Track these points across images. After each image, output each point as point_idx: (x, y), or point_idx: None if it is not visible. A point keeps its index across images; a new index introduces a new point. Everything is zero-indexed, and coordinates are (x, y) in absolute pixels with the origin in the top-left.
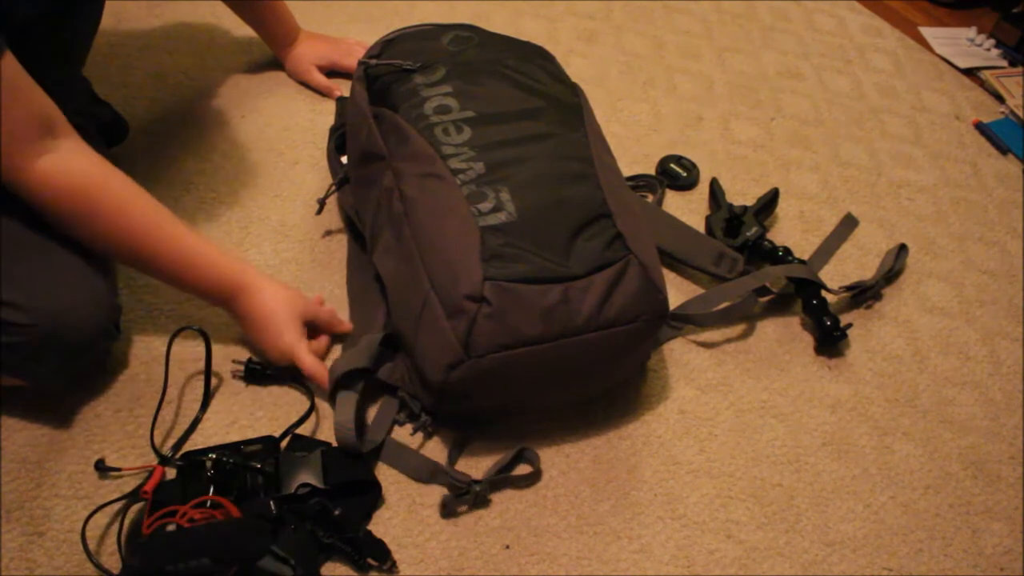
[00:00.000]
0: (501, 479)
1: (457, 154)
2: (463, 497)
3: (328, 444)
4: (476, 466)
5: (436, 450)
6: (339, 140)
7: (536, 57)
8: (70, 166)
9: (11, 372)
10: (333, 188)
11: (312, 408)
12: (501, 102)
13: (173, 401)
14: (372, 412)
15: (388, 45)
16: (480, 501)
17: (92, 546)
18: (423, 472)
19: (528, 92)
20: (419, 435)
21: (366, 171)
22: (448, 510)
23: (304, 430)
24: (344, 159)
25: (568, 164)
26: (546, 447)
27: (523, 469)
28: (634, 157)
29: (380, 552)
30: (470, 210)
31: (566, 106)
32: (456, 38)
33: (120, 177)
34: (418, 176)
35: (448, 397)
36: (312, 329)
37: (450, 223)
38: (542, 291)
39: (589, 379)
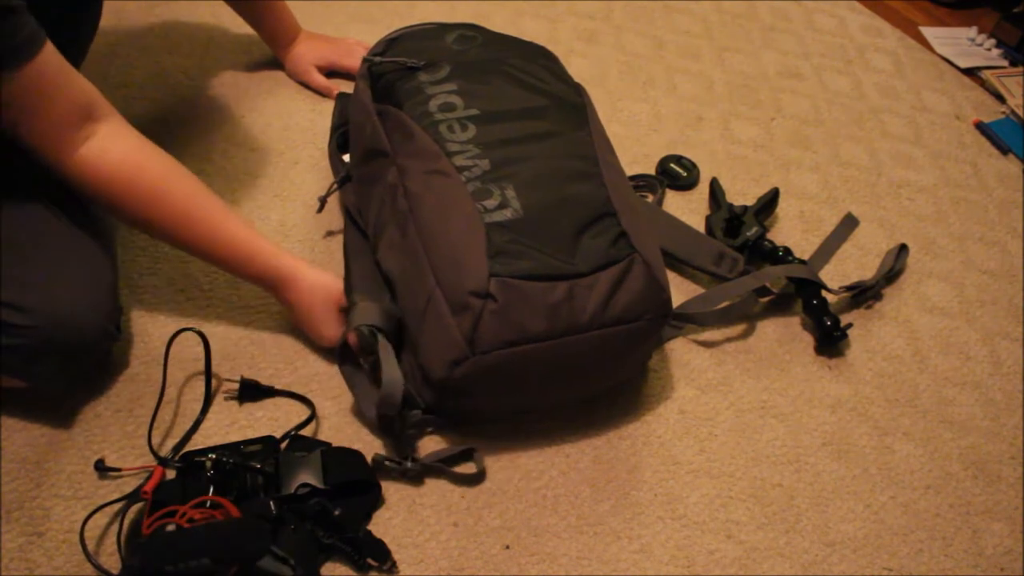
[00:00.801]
0: (438, 467)
1: (462, 151)
2: (393, 465)
3: (328, 444)
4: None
5: (434, 447)
6: (340, 138)
7: (540, 57)
8: (108, 152)
9: (11, 373)
10: (335, 186)
11: (312, 415)
12: (505, 100)
13: (173, 401)
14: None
15: (392, 43)
16: (411, 477)
17: (92, 546)
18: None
19: (532, 91)
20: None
21: (369, 168)
22: (376, 465)
23: (304, 431)
24: (346, 157)
25: (572, 163)
26: (546, 447)
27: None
28: (634, 157)
29: (380, 552)
30: (475, 207)
31: (570, 105)
32: (460, 37)
33: (159, 160)
34: (423, 173)
35: (451, 394)
36: None
37: (455, 220)
38: (547, 288)
39: (592, 377)
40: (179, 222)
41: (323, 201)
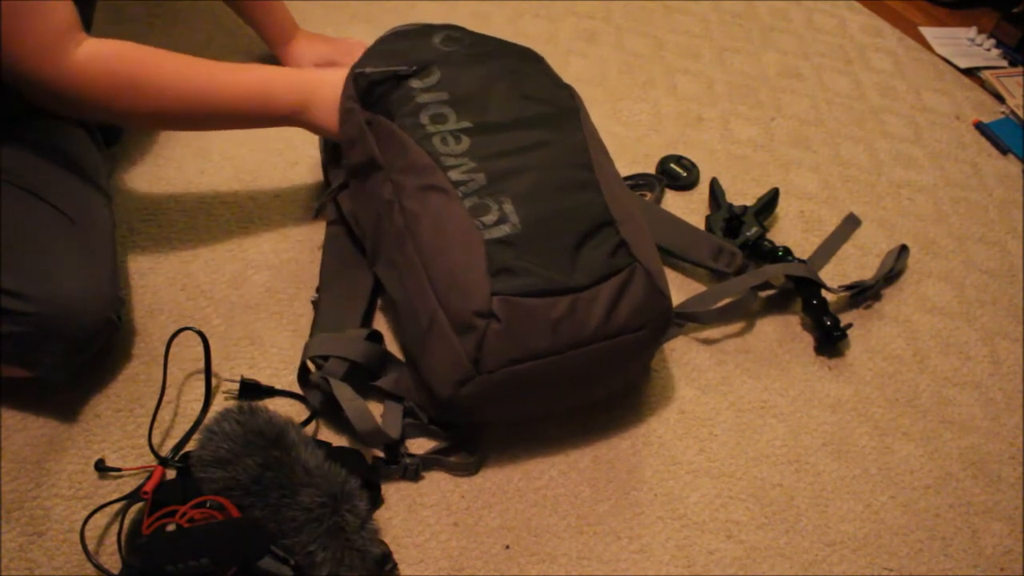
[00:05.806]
0: (435, 459)
1: (458, 165)
2: (393, 467)
3: (328, 444)
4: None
5: (430, 445)
6: (335, 144)
7: (529, 60)
8: (101, 46)
9: (14, 362)
10: (330, 194)
11: (313, 415)
12: (498, 110)
13: (173, 401)
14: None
15: (378, 45)
16: (410, 474)
17: (92, 546)
18: (367, 429)
19: (524, 98)
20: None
21: (364, 180)
22: (375, 465)
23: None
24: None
25: (568, 172)
26: (546, 447)
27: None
28: (634, 157)
29: None
30: (474, 223)
31: (563, 111)
32: (447, 38)
33: (143, 46)
34: (419, 188)
35: (457, 411)
36: None
37: (454, 237)
38: (550, 304)
39: (596, 386)
40: (192, 84)
41: (318, 209)
